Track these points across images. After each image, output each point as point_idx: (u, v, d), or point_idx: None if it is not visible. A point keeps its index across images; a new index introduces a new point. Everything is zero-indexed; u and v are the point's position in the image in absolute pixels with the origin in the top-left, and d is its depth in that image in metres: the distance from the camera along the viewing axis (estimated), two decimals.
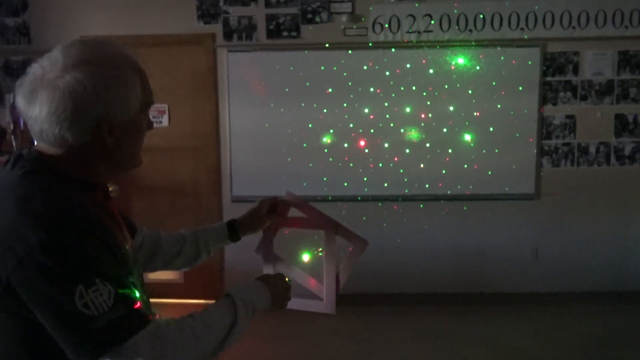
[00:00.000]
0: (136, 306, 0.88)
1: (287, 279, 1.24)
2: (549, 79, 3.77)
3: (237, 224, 1.38)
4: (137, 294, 0.92)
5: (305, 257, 1.47)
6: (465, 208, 3.82)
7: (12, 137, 3.57)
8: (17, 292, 0.83)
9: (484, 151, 3.75)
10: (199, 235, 1.36)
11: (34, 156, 0.94)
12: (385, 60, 3.71)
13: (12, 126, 3.53)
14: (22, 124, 3.76)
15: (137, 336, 0.85)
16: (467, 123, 3.74)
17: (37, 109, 0.89)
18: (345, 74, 3.72)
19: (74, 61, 0.89)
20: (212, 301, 1.08)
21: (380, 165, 3.77)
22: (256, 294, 1.11)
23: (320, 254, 1.42)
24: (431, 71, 3.71)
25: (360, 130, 3.75)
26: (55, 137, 0.90)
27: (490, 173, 3.77)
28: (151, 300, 1.17)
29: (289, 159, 3.80)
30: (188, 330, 0.94)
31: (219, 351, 0.99)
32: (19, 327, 0.86)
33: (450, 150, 3.75)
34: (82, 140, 0.92)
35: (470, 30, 3.71)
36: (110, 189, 1.13)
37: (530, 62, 3.72)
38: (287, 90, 3.75)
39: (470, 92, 3.71)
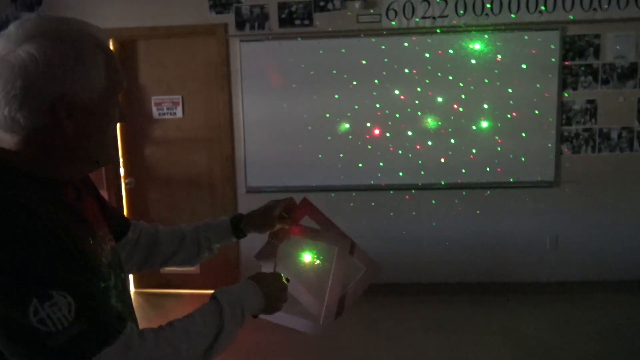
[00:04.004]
0: (103, 318, 0.78)
1: (284, 279, 1.14)
2: (569, 63, 3.67)
3: (242, 220, 1.28)
4: (109, 303, 0.83)
5: (308, 265, 1.31)
6: (483, 196, 3.76)
7: None
8: None
9: (502, 138, 3.68)
10: (200, 230, 1.26)
11: None
12: (400, 47, 3.65)
13: None
14: None
15: (103, 353, 0.76)
16: (484, 110, 3.67)
17: None
18: (359, 62, 3.67)
19: (27, 34, 0.80)
20: None
21: (397, 153, 3.73)
22: (246, 294, 1.02)
23: (319, 265, 1.29)
24: (447, 57, 3.63)
25: (376, 119, 3.71)
26: (6, 119, 0.80)
27: (508, 160, 3.70)
28: (168, 291, 1.12)
29: (303, 149, 3.77)
30: (164, 343, 0.84)
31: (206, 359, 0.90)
32: None
33: (468, 138, 3.69)
34: (37, 124, 0.81)
35: (487, 15, 3.62)
36: (127, 181, 1.05)
37: (549, 46, 3.62)
38: (300, 79, 3.71)
39: (487, 78, 3.63)
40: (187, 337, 0.88)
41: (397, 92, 3.67)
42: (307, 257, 1.30)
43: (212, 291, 1.02)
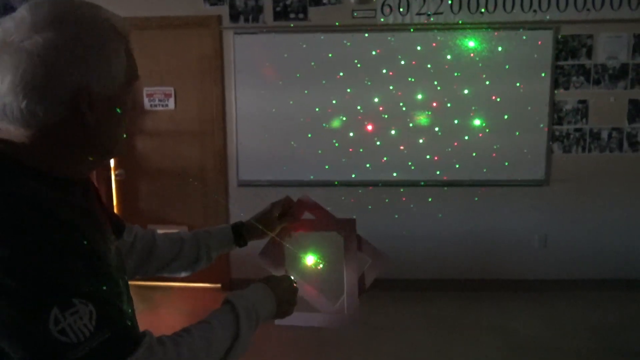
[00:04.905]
0: (124, 326, 0.74)
1: (294, 283, 1.11)
2: (561, 62, 3.69)
3: (243, 228, 1.23)
4: (124, 309, 0.79)
5: (312, 265, 1.28)
6: (474, 194, 3.78)
7: None
8: None
9: (494, 136, 3.69)
10: (200, 238, 1.20)
11: None
12: (394, 42, 3.65)
13: None
14: None
15: None
16: (476, 108, 3.67)
17: None
18: (353, 57, 3.65)
19: (44, 19, 0.73)
20: (218, 285, 0.99)
21: (389, 149, 3.73)
22: (261, 301, 0.98)
23: (322, 265, 1.26)
24: (441, 54, 3.63)
25: (369, 115, 3.70)
26: (22, 112, 0.73)
27: (500, 158, 3.72)
28: (156, 284, 1.10)
29: (296, 143, 3.76)
30: (185, 350, 0.80)
31: None
32: None
33: (459, 135, 3.70)
34: (57, 117, 0.75)
35: (482, 12, 3.63)
36: (116, 172, 1.02)
37: (542, 45, 3.64)
38: (294, 73, 3.69)
39: (480, 76, 3.64)
40: (205, 344, 0.84)
41: (390, 88, 3.67)
42: (312, 257, 1.28)
43: (201, 284, 0.99)
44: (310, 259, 1.27)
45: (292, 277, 1.14)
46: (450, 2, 3.61)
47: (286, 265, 1.26)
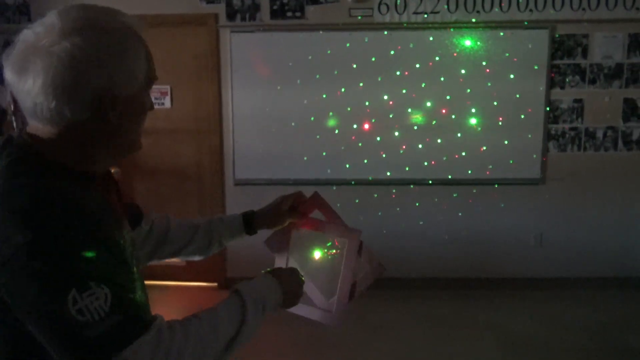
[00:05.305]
0: (136, 310, 0.80)
1: (301, 276, 1.15)
2: (557, 62, 3.70)
3: (254, 217, 1.29)
4: (138, 296, 0.84)
5: (317, 259, 1.33)
6: (470, 193, 3.79)
7: (13, 117, 3.55)
8: (2, 298, 0.76)
9: (490, 135, 3.71)
10: (213, 225, 1.28)
11: (24, 141, 0.84)
12: (391, 41, 3.65)
13: (12, 107, 3.50)
14: None
15: (137, 343, 0.77)
16: (472, 106, 3.68)
17: (29, 81, 0.79)
18: (349, 56, 3.66)
19: (73, 25, 0.80)
20: (214, 284, 1.03)
21: (385, 149, 3.73)
22: (268, 292, 1.02)
23: (330, 257, 1.31)
24: (437, 53, 3.64)
25: (365, 113, 3.71)
26: (51, 112, 0.80)
27: (495, 157, 3.73)
28: (153, 282, 1.12)
29: (292, 142, 3.76)
30: (193, 334, 0.85)
31: (226, 354, 0.91)
32: (7, 335, 0.79)
33: (455, 134, 3.71)
34: (82, 116, 0.82)
35: (478, 12, 3.63)
36: (113, 171, 1.07)
37: (538, 45, 3.65)
38: (290, 71, 3.69)
39: (476, 75, 3.65)
40: (213, 330, 0.88)
41: (386, 87, 3.67)
42: (318, 252, 1.32)
43: (198, 283, 1.02)
44: (317, 254, 1.32)
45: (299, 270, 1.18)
46: (446, 1, 3.61)
47: (290, 255, 1.30)
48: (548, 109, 3.73)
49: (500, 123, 3.69)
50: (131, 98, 0.86)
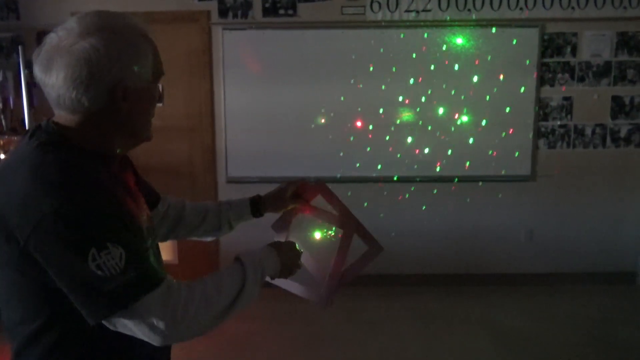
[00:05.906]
0: (147, 269, 0.92)
1: (298, 247, 1.27)
2: (547, 60, 3.74)
3: (261, 200, 1.42)
4: (150, 259, 0.96)
5: (317, 240, 1.46)
6: (461, 189, 3.82)
7: (2, 116, 3.50)
8: (34, 257, 0.88)
9: (481, 132, 3.74)
10: (223, 208, 1.40)
11: (51, 128, 0.98)
12: (382, 39, 3.66)
13: (1, 105, 3.46)
14: (11, 103, 3.68)
15: (149, 296, 0.90)
16: (463, 104, 3.71)
17: (54, 76, 0.93)
18: (342, 54, 3.67)
19: (88, 28, 0.94)
20: None
21: (377, 146, 3.74)
22: (266, 259, 1.15)
23: (330, 237, 1.43)
24: (429, 51, 3.66)
25: (358, 111, 3.72)
26: (72, 101, 0.94)
27: (486, 154, 3.76)
28: None
29: (285, 140, 3.76)
30: (199, 292, 0.97)
31: (227, 314, 1.02)
32: (37, 289, 0.92)
33: (446, 131, 3.73)
34: (98, 105, 0.96)
35: (470, 10, 3.66)
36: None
37: (528, 43, 3.69)
38: (283, 69, 3.69)
39: (467, 72, 3.68)
40: (217, 292, 1.00)
41: (378, 84, 3.69)
42: (318, 234, 1.45)
43: None
44: (317, 234, 1.45)
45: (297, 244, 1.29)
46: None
47: (290, 234, 1.41)
48: (537, 108, 3.77)
49: (490, 120, 3.73)
50: (140, 90, 0.99)
